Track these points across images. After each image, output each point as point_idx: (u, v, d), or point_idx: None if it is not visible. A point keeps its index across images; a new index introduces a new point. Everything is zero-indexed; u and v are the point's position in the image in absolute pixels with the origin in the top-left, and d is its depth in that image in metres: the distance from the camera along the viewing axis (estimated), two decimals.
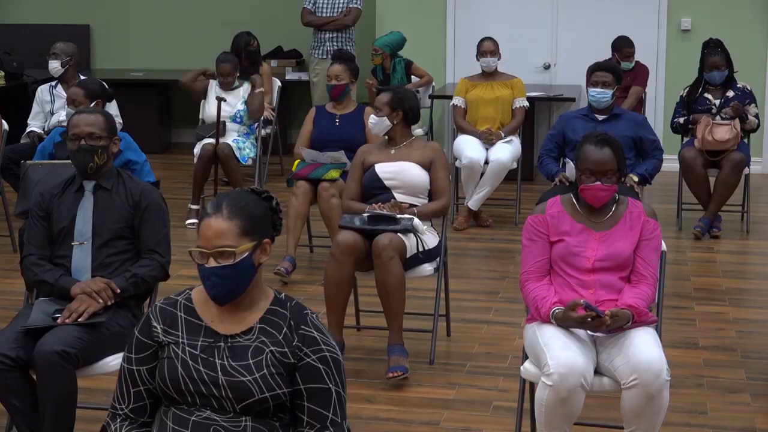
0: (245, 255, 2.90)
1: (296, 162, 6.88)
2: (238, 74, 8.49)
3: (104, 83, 6.84)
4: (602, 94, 6.72)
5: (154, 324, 2.95)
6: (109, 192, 4.32)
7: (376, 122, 5.56)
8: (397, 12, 10.11)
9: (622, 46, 9.00)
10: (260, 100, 8.40)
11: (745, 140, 7.91)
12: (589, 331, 3.98)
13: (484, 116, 8.20)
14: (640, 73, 9.00)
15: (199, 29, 11.38)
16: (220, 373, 2.86)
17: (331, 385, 2.88)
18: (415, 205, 5.39)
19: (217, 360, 2.88)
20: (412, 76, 9.42)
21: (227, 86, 8.38)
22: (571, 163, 6.36)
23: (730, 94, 7.78)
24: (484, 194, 7.99)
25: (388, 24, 9.94)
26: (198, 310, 2.97)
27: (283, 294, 3.02)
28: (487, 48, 8.30)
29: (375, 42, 9.41)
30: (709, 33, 8.66)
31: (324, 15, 9.84)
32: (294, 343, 2.89)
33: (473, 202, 8.01)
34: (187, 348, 2.91)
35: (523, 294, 4.17)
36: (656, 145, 6.80)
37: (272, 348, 2.89)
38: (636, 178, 6.62)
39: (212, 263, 2.88)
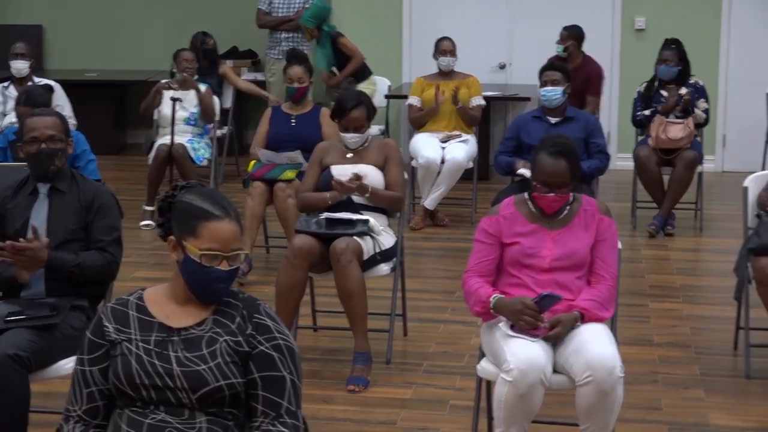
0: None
1: (252, 162, 6.85)
2: (196, 73, 8.46)
3: (51, 85, 6.79)
4: (552, 92, 6.75)
5: (106, 323, 2.94)
6: (64, 194, 4.30)
7: (358, 139, 5.52)
8: (352, 11, 10.10)
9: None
10: (211, 100, 8.35)
11: (698, 138, 7.98)
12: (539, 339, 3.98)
13: (441, 115, 8.21)
14: (594, 78, 8.89)
15: (153, 29, 11.31)
16: (174, 364, 2.86)
17: (285, 373, 2.88)
18: (372, 206, 5.38)
19: (171, 353, 2.88)
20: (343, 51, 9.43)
21: (188, 79, 8.30)
22: None
23: (683, 90, 7.84)
24: (440, 194, 8.01)
25: (344, 24, 9.92)
26: (150, 308, 2.96)
27: (234, 288, 3.01)
28: (447, 47, 8.32)
29: (300, 20, 9.46)
30: (663, 32, 8.73)
31: (280, 15, 9.81)
32: (248, 332, 2.89)
33: (429, 201, 8.02)
34: (140, 344, 2.90)
35: (464, 289, 4.20)
36: (600, 149, 6.81)
37: (226, 337, 2.89)
38: None
39: (225, 266, 2.90)
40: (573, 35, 8.84)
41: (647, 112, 7.90)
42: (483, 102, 8.39)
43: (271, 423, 2.85)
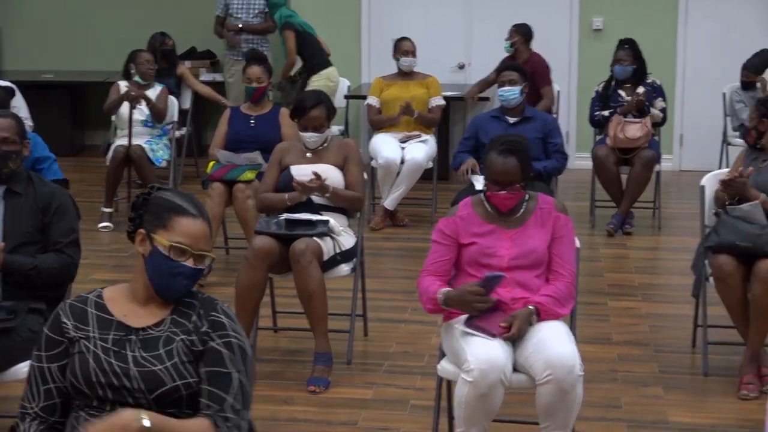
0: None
1: (211, 163, 6.82)
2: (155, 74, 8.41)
3: (12, 88, 6.72)
4: (510, 92, 6.78)
5: (64, 320, 2.92)
6: (20, 196, 4.26)
7: (317, 139, 5.51)
8: (311, 11, 10.08)
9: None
10: (165, 101, 8.30)
11: (656, 138, 8.04)
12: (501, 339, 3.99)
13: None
14: (539, 69, 8.96)
15: (111, 30, 11.23)
16: (131, 364, 2.84)
17: (233, 371, 2.86)
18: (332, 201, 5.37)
19: (128, 352, 2.87)
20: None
21: (148, 77, 8.24)
22: None
23: (641, 90, 7.90)
24: (400, 194, 8.02)
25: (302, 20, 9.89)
26: (109, 306, 2.95)
27: (194, 289, 3.01)
28: (408, 48, 8.33)
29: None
30: (620, 32, 8.80)
31: (240, 17, 9.76)
32: (202, 330, 2.89)
33: (389, 201, 8.03)
34: (98, 342, 2.89)
35: (418, 288, 4.21)
36: (557, 149, 6.83)
37: (183, 337, 2.88)
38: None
39: (191, 263, 2.89)
40: (520, 32, 8.92)
41: (606, 113, 7.95)
42: (442, 102, 8.41)
43: (211, 417, 2.82)
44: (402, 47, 8.35)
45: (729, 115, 8.90)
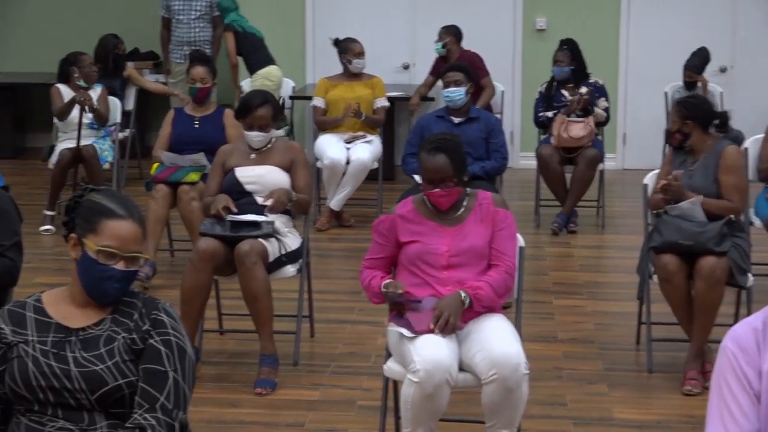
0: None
1: (155, 165, 6.78)
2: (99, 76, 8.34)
3: None
4: (456, 93, 6.80)
5: (2, 325, 2.89)
6: None
7: (263, 138, 5.49)
8: (255, 12, 10.05)
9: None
10: (106, 104, 8.22)
11: (600, 137, 8.10)
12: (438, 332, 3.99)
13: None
14: (475, 62, 9.01)
15: (52, 31, 11.12)
16: (72, 365, 2.82)
17: (169, 369, 2.84)
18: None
19: (68, 353, 2.84)
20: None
21: (92, 80, 8.15)
22: None
23: (583, 90, 7.96)
24: (345, 194, 8.01)
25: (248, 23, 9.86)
26: (47, 309, 2.92)
27: (135, 289, 2.99)
28: (359, 49, 8.33)
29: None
30: (564, 32, 8.86)
31: (181, 19, 9.70)
32: (143, 328, 2.87)
33: (335, 202, 8.02)
34: (37, 345, 2.86)
35: (361, 280, 4.27)
36: (497, 148, 6.86)
37: (124, 335, 2.86)
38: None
39: (122, 266, 2.86)
40: (451, 33, 9.00)
41: (549, 114, 8.00)
42: (387, 103, 8.42)
43: (142, 415, 2.80)
44: (354, 49, 8.32)
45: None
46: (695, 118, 5.30)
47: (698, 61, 8.70)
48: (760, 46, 10.14)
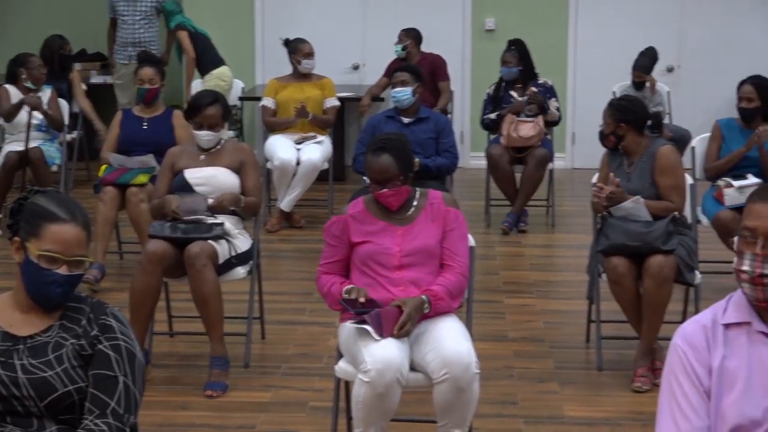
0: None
1: (103, 167, 6.72)
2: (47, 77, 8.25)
3: None
4: (402, 93, 6.81)
5: None
6: None
7: (212, 138, 5.45)
8: (204, 12, 10.01)
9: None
10: (57, 106, 8.14)
11: (549, 137, 8.14)
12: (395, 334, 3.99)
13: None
14: (438, 65, 9.07)
15: None
16: (20, 372, 2.78)
17: (119, 374, 2.81)
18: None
19: (16, 361, 2.80)
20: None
21: (40, 82, 8.06)
22: None
23: (534, 89, 7.99)
24: (296, 195, 7.99)
25: (195, 25, 9.81)
26: None
27: (82, 292, 2.95)
28: (309, 50, 8.30)
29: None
30: (512, 33, 8.90)
31: (125, 19, 9.62)
32: (92, 334, 2.84)
33: (286, 203, 8.00)
34: None
35: (318, 287, 4.25)
36: (447, 148, 6.85)
37: (72, 341, 2.83)
38: (417, 166, 6.54)
39: (65, 270, 2.82)
40: (411, 35, 9.05)
41: (492, 116, 8.04)
42: (337, 103, 8.40)
43: (92, 421, 2.77)
44: (304, 49, 8.30)
45: None
46: (629, 121, 5.33)
47: (647, 61, 8.77)
48: (706, 46, 10.25)
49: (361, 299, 4.01)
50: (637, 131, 5.35)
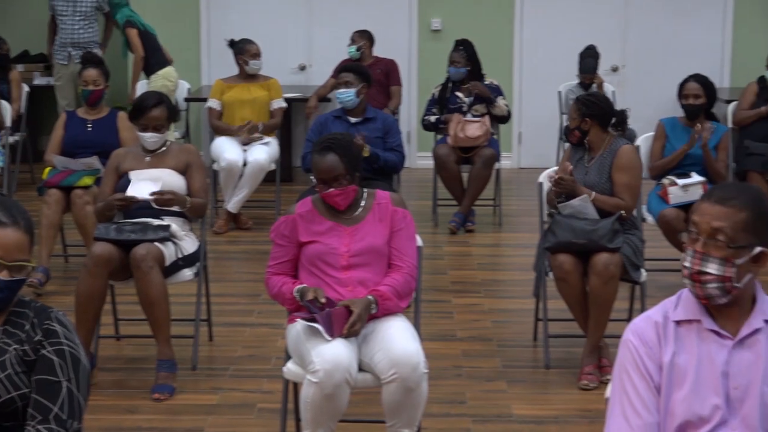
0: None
1: (47, 169, 6.65)
2: None
3: None
4: (345, 94, 6.79)
5: None
6: None
7: (157, 139, 5.41)
8: (149, 12, 9.93)
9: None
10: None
11: (495, 136, 8.18)
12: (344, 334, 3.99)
13: (241, 118, 8.17)
14: (393, 69, 9.13)
15: None
16: None
17: (62, 380, 2.78)
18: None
19: None
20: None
21: None
22: None
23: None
24: (243, 196, 7.96)
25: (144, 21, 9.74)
26: None
27: (26, 297, 2.92)
28: (256, 50, 8.28)
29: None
30: (459, 33, 8.94)
31: (64, 19, 9.52)
32: (36, 339, 2.81)
33: (233, 204, 7.97)
34: None
35: (268, 288, 4.22)
36: (394, 147, 6.84)
37: (15, 347, 2.79)
38: (367, 153, 6.56)
39: (6, 275, 2.78)
40: (365, 37, 9.06)
41: (432, 118, 8.08)
42: (284, 104, 8.39)
43: (35, 427, 2.73)
44: (251, 50, 8.27)
45: (565, 113, 9.12)
46: (594, 116, 5.38)
47: (593, 61, 8.84)
48: (650, 45, 10.35)
49: (322, 299, 4.00)
50: (602, 127, 5.40)
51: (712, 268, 2.70)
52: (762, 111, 7.88)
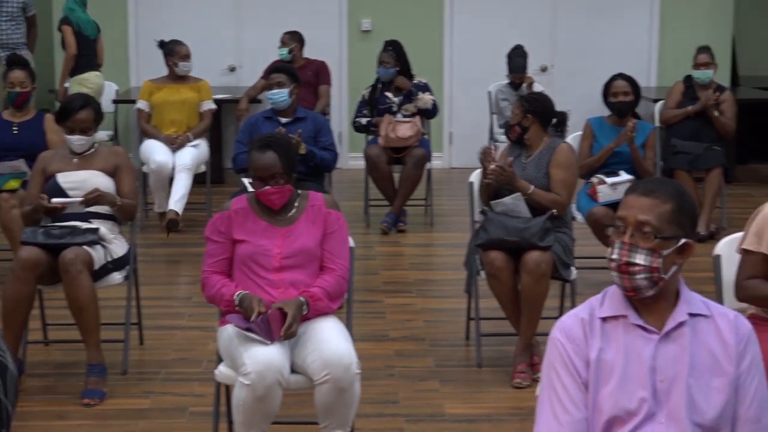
0: None
1: None
2: None
3: None
4: (278, 95, 6.77)
5: None
6: None
7: (84, 142, 5.34)
8: None
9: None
10: None
11: (426, 136, 8.21)
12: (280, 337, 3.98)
13: (171, 120, 8.11)
14: (323, 70, 9.14)
15: None
16: None
17: None
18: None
19: None
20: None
21: None
22: None
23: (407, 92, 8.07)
24: (181, 196, 7.82)
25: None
26: None
27: None
28: (186, 52, 8.21)
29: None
30: (388, 33, 8.96)
31: None
32: None
33: (177, 206, 7.80)
34: None
35: (206, 290, 4.18)
36: (326, 146, 6.84)
37: None
38: (304, 150, 6.55)
39: None
40: (296, 38, 9.06)
41: (363, 121, 8.09)
42: (214, 106, 8.34)
43: None
44: (181, 51, 8.20)
45: (495, 113, 9.17)
46: (536, 113, 5.43)
47: (522, 60, 8.89)
48: (578, 46, 10.45)
49: (262, 309, 3.97)
50: (542, 125, 5.45)
51: (640, 258, 2.74)
52: (688, 110, 8.00)
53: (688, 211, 2.80)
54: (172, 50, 8.23)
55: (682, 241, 2.77)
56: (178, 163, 7.84)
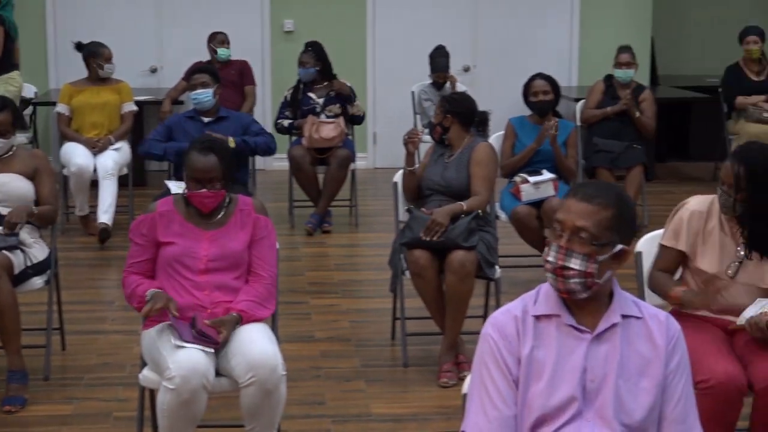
0: None
1: None
2: None
3: None
4: (203, 95, 6.72)
5: None
6: None
7: (3, 145, 5.24)
8: None
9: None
10: None
11: (350, 137, 8.20)
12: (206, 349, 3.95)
13: (92, 122, 8.00)
14: (247, 70, 9.11)
15: None
16: None
17: None
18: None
19: None
20: None
21: None
22: None
23: (333, 93, 8.06)
24: (108, 204, 7.71)
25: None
26: None
27: None
28: (109, 54, 8.11)
29: None
30: (311, 34, 8.96)
31: None
32: None
33: (106, 217, 7.69)
34: None
35: (124, 288, 4.16)
36: (258, 132, 6.81)
37: None
38: (233, 143, 6.51)
39: None
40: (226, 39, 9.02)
41: (286, 123, 8.08)
42: (135, 108, 8.25)
43: None
44: (104, 54, 8.09)
45: (418, 113, 9.19)
46: (456, 114, 5.47)
47: (445, 60, 8.92)
48: (500, 46, 10.52)
49: (175, 313, 3.94)
50: (463, 125, 5.48)
51: (575, 263, 2.76)
52: (607, 111, 8.11)
53: (627, 217, 2.82)
54: (96, 52, 8.11)
55: (618, 247, 2.80)
56: (100, 170, 7.73)
